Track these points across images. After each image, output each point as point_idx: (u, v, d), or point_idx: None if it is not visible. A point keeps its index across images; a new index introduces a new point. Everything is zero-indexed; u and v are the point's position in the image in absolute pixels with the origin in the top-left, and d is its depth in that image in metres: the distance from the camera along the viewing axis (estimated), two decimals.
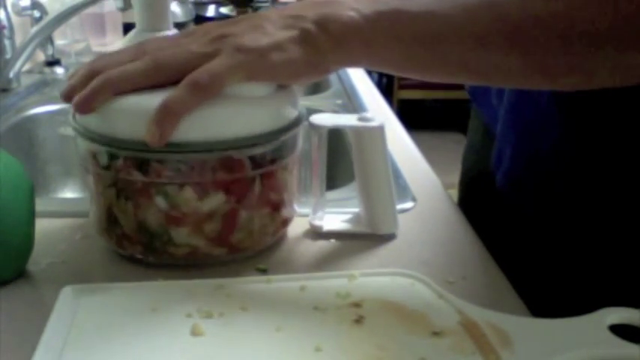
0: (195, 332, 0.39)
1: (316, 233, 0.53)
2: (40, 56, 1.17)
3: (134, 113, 0.44)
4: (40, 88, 1.07)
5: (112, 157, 0.45)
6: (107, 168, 0.45)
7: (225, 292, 0.43)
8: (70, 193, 0.97)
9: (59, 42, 1.22)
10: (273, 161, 0.47)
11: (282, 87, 0.48)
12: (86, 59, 1.28)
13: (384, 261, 0.50)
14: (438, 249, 0.52)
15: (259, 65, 0.43)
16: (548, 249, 0.57)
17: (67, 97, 0.46)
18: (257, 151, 0.45)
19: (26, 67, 1.06)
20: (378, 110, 0.96)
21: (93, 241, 0.52)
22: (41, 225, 0.48)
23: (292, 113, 0.49)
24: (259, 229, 0.48)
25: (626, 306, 0.40)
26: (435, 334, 0.39)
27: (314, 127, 0.51)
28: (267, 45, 0.44)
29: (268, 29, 0.45)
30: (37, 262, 0.48)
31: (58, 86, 1.08)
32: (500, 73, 0.44)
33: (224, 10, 2.03)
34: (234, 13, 2.04)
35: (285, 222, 0.51)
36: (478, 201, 0.68)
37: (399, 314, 0.41)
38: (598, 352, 0.37)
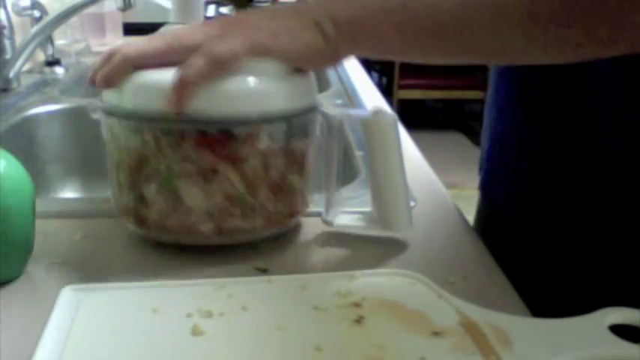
0: (195, 332, 0.39)
1: (325, 231, 0.53)
2: (40, 56, 1.17)
3: (152, 85, 0.46)
4: (40, 88, 1.06)
5: (136, 131, 0.47)
6: (130, 145, 0.48)
7: (225, 292, 0.43)
8: (70, 193, 0.97)
9: (59, 42, 1.22)
10: (286, 142, 0.49)
11: (298, 73, 0.49)
12: (86, 59, 1.28)
13: (384, 261, 0.50)
14: (438, 249, 0.52)
15: (272, 45, 0.46)
16: (548, 249, 0.57)
17: (92, 80, 0.49)
18: (267, 128, 0.47)
19: (26, 67, 1.06)
20: None
21: (93, 241, 0.52)
22: (41, 225, 0.48)
23: (305, 98, 0.50)
24: (272, 211, 0.49)
25: (626, 306, 0.40)
26: (435, 334, 0.39)
27: (325, 116, 0.52)
28: (280, 29, 0.46)
29: (281, 18, 0.47)
30: (37, 262, 0.48)
31: (58, 86, 1.08)
32: (504, 53, 0.46)
33: (224, 10, 2.03)
34: (233, 13, 2.04)
35: (293, 213, 0.51)
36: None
37: (399, 314, 0.41)
38: (598, 352, 0.37)
